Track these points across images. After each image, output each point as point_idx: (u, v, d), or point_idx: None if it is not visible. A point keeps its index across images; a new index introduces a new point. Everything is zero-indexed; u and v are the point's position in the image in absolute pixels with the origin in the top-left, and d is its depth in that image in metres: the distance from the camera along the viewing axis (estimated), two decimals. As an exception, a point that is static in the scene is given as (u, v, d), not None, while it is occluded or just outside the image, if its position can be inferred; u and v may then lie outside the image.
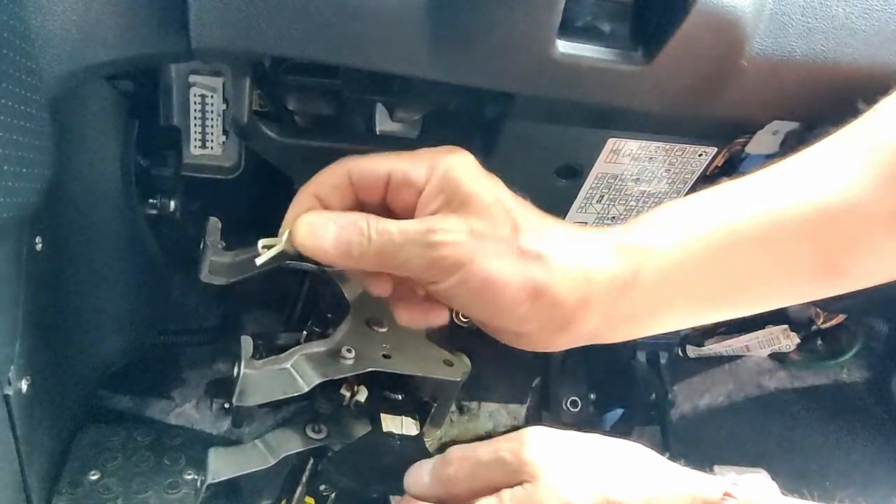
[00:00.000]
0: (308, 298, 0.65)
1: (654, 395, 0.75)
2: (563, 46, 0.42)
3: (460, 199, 0.39)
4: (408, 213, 0.41)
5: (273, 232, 0.42)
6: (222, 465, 0.54)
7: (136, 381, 0.66)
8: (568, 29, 0.42)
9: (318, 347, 0.56)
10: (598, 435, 0.40)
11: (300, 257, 0.42)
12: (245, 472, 0.55)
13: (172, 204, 0.55)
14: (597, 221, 0.58)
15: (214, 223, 0.54)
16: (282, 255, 0.42)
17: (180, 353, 0.70)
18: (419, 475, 0.43)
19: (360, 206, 0.42)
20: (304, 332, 0.60)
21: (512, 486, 0.38)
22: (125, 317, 0.57)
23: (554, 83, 0.44)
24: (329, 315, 0.61)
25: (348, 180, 0.41)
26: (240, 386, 0.52)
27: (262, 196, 0.60)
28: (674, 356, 0.80)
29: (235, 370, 0.53)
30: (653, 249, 0.40)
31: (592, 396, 0.81)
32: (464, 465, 0.40)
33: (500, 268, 0.38)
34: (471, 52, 0.42)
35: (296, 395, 0.53)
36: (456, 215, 0.39)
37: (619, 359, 0.77)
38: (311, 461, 0.61)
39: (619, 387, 0.78)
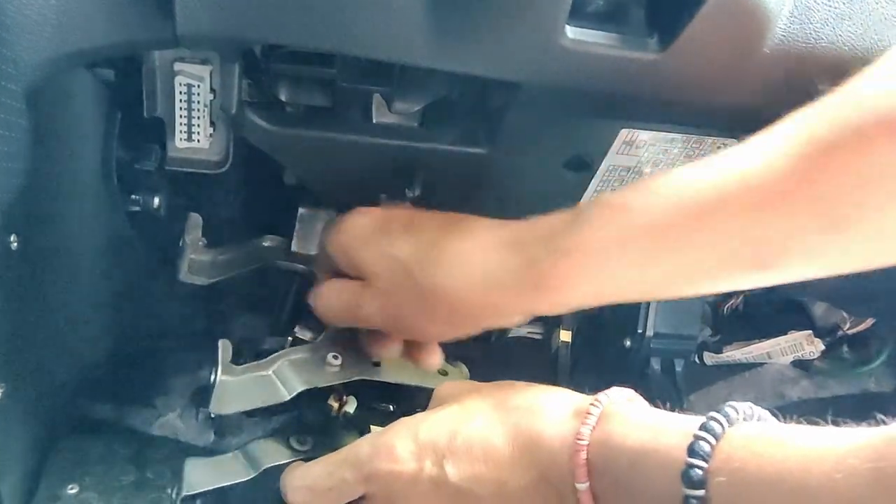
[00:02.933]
0: (296, 301, 0.65)
1: (669, 405, 0.75)
2: (574, 33, 0.42)
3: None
4: None
5: (261, 231, 0.43)
6: (199, 477, 0.55)
7: (117, 388, 0.66)
8: (578, 14, 0.42)
9: (302, 353, 0.56)
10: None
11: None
12: (223, 485, 0.55)
13: (156, 200, 0.55)
14: (608, 219, 0.58)
15: (195, 219, 0.54)
16: None
17: (164, 360, 0.70)
18: None
19: None
20: (290, 338, 0.60)
21: None
22: (105, 320, 0.57)
23: (563, 72, 0.44)
24: (317, 319, 0.62)
25: None
26: (216, 393, 0.52)
27: (250, 192, 0.60)
28: (690, 364, 0.80)
29: (212, 376, 0.53)
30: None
31: (603, 406, 0.81)
32: None
33: (412, 303, 0.47)
34: (474, 38, 0.42)
35: (279, 403, 0.54)
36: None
37: (631, 367, 0.78)
38: None
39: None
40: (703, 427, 0.33)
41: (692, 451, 0.33)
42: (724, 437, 0.33)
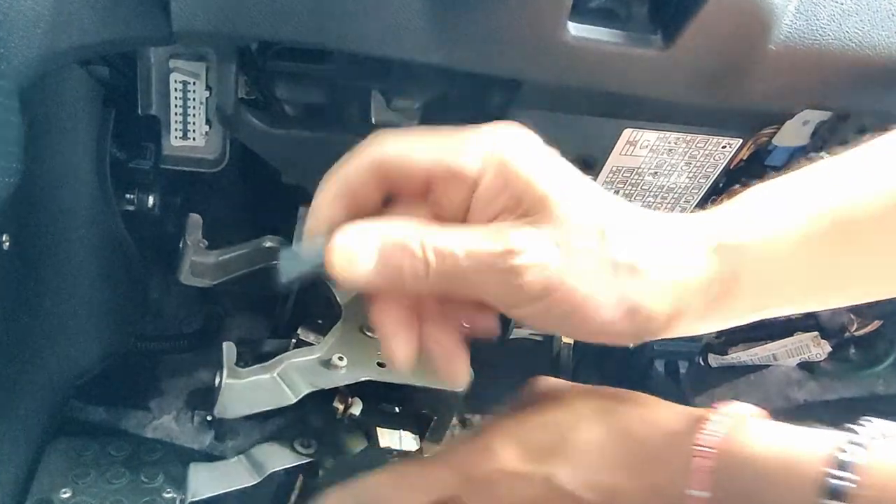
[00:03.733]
0: (297, 302, 0.65)
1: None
2: (576, 29, 0.42)
3: (532, 200, 0.34)
4: (458, 213, 0.36)
5: (259, 232, 0.42)
6: (203, 482, 0.55)
7: (110, 390, 0.66)
8: (580, 10, 0.42)
9: (307, 355, 0.56)
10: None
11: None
12: (228, 490, 0.55)
13: (151, 199, 0.55)
14: (611, 219, 0.58)
15: (195, 220, 0.54)
16: (310, 273, 0.37)
17: (159, 361, 0.70)
18: None
19: (397, 197, 0.37)
20: (293, 340, 0.60)
21: None
22: (99, 321, 0.57)
23: (565, 69, 0.44)
24: (319, 321, 0.62)
25: (380, 171, 0.36)
26: (221, 397, 0.52)
27: (247, 191, 0.60)
28: (694, 366, 0.80)
29: (217, 379, 0.53)
30: (752, 246, 0.38)
31: (606, 409, 0.81)
32: None
33: (592, 288, 0.35)
34: (475, 34, 0.42)
35: (283, 406, 0.54)
36: (532, 225, 0.34)
37: (634, 368, 0.78)
38: (301, 478, 0.61)
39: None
40: (845, 438, 0.34)
41: (834, 464, 0.33)
42: (868, 449, 0.33)
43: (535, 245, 0.33)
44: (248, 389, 0.53)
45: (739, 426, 0.38)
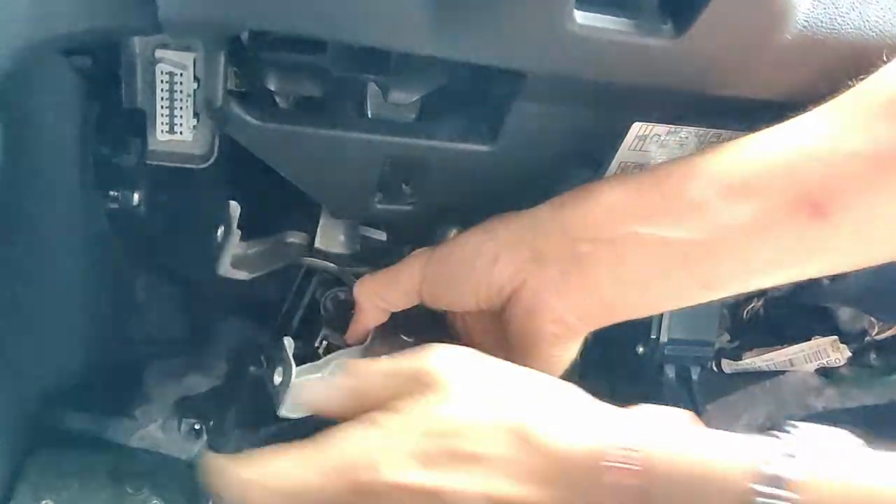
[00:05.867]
0: (310, 303, 0.66)
1: (684, 416, 0.75)
2: (583, 18, 0.42)
3: None
4: None
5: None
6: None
7: (94, 398, 0.66)
8: (587, -2, 0.42)
9: (354, 355, 0.57)
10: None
11: None
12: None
13: (136, 197, 0.55)
14: (620, 217, 0.58)
15: (234, 208, 0.53)
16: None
17: (144, 367, 0.70)
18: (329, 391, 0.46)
19: None
20: (324, 342, 0.61)
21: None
22: (81, 325, 0.57)
23: (571, 59, 0.44)
24: (341, 322, 0.61)
25: None
26: (290, 395, 0.52)
27: (237, 188, 0.60)
28: (707, 371, 0.80)
29: (278, 377, 0.53)
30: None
31: (614, 417, 0.81)
32: (369, 377, 0.44)
33: None
34: (476, 24, 0.42)
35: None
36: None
37: (644, 374, 0.78)
38: None
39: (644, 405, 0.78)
40: (773, 448, 0.33)
41: (763, 479, 0.32)
42: (799, 462, 0.32)
43: None
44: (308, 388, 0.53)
45: (655, 434, 0.37)
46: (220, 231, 0.53)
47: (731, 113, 0.52)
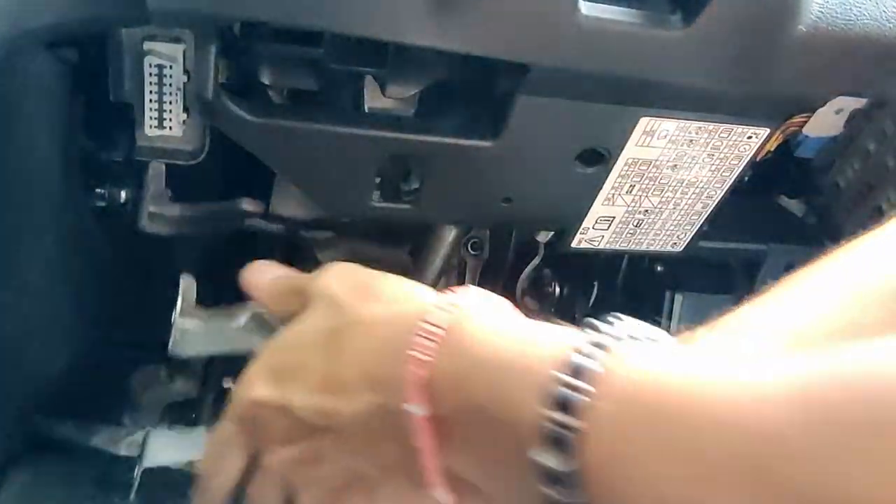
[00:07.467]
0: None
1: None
2: (588, 9, 0.42)
3: None
4: None
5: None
6: (160, 449, 0.55)
7: (79, 404, 0.66)
8: (593, -12, 0.42)
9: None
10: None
11: None
12: (188, 461, 0.55)
13: (123, 194, 0.55)
14: (626, 215, 0.58)
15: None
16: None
17: (132, 371, 0.70)
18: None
19: None
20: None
21: None
22: (67, 328, 0.57)
23: (576, 52, 0.44)
24: None
25: None
26: (174, 336, 0.52)
27: (228, 185, 0.60)
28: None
29: (173, 316, 0.53)
30: None
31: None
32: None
33: None
34: (478, 15, 0.42)
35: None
36: None
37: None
38: None
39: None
40: (585, 339, 0.29)
41: (566, 369, 0.28)
42: (610, 353, 0.29)
43: None
44: (208, 333, 0.53)
45: (465, 321, 0.33)
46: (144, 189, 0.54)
47: (743, 107, 0.52)
